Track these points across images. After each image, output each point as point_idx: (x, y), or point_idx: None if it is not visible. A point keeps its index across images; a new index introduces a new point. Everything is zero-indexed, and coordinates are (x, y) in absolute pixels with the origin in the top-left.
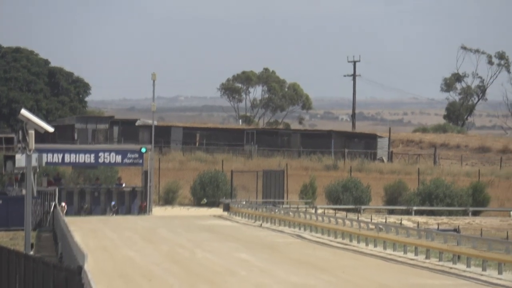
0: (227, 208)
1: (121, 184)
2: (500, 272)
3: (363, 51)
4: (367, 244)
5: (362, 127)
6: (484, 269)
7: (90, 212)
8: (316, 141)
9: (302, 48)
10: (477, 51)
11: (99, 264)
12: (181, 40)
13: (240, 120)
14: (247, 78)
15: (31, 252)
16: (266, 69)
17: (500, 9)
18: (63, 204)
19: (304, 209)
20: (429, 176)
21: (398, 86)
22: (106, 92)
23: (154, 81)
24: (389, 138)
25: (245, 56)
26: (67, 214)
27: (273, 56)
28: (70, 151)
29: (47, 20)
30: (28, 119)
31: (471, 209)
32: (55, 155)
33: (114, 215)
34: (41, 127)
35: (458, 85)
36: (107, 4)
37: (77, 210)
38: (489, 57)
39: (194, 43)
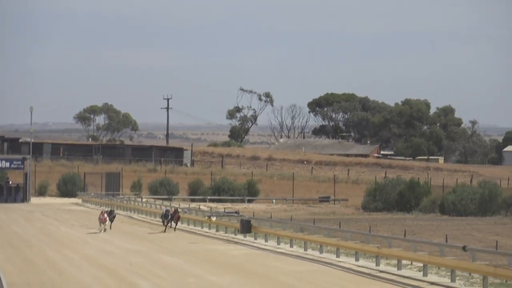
0: (247, 229)
1: (9, 182)
2: (266, 240)
3: (175, 90)
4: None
5: (173, 143)
6: (255, 239)
7: None
8: (142, 153)
9: (135, 86)
10: (250, 91)
11: None
12: (49, 79)
13: (90, 138)
14: (93, 110)
15: None
16: (106, 104)
17: (269, 57)
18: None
19: (134, 198)
20: (218, 176)
21: (198, 114)
22: None
23: (31, 112)
24: (192, 151)
25: (93, 93)
26: None
27: (114, 93)
28: None
29: None
30: None
31: (247, 198)
32: None
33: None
34: None
35: (238, 115)
36: None
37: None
38: (259, 95)
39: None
